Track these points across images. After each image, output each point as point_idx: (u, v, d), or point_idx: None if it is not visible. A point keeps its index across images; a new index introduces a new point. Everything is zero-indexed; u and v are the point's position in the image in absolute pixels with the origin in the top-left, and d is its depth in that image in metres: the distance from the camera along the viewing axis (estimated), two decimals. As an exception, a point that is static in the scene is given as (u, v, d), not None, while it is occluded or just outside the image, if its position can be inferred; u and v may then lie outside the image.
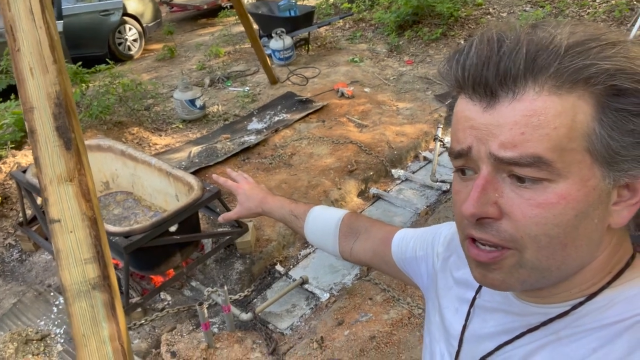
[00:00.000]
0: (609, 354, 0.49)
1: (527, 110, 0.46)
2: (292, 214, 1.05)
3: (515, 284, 0.52)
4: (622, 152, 0.46)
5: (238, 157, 4.38)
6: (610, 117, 0.46)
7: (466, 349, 0.67)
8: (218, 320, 2.94)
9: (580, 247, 0.50)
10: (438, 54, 6.52)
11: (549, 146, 0.45)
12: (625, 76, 0.45)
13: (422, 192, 4.02)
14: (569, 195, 0.46)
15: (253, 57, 6.63)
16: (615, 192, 0.49)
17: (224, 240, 3.28)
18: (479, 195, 0.49)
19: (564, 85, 0.45)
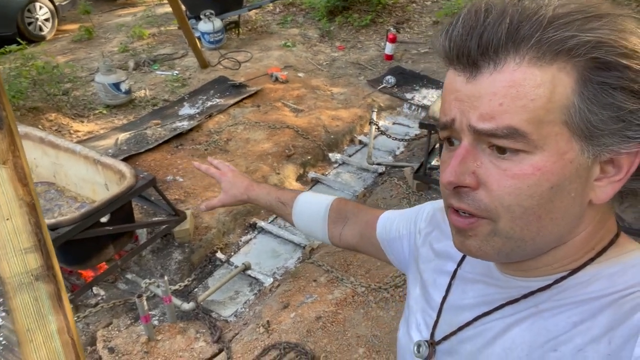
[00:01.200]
0: (590, 329, 0.49)
1: (506, 81, 0.46)
2: (279, 201, 1.04)
3: (491, 252, 0.53)
4: (601, 126, 0.46)
5: (170, 144, 4.20)
6: (591, 91, 0.45)
7: (444, 319, 0.66)
8: (158, 312, 2.83)
9: (556, 220, 0.50)
10: (368, 40, 6.64)
11: (525, 118, 0.46)
12: (608, 49, 0.44)
13: (359, 175, 4.10)
14: (544, 167, 0.47)
15: (181, 40, 6.36)
16: (597, 168, 0.49)
17: (161, 229, 3.14)
18: (458, 164, 0.50)
19: (545, 57, 0.45)
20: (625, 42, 0.44)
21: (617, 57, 0.44)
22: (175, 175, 3.81)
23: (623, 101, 0.45)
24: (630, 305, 0.48)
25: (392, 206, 3.44)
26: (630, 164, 0.48)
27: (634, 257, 0.53)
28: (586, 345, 0.49)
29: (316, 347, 2.41)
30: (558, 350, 0.51)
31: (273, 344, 2.46)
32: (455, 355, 0.63)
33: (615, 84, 0.45)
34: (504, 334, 0.56)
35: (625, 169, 0.49)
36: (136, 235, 3.19)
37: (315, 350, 2.39)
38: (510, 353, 0.55)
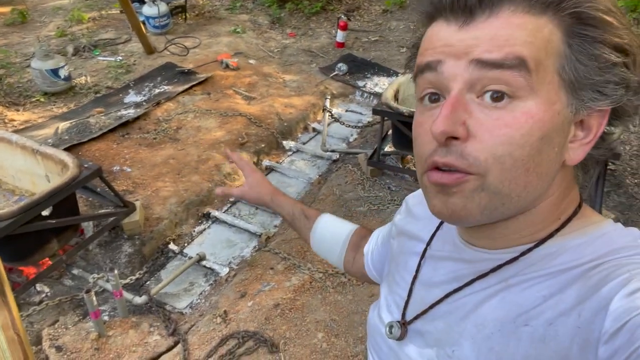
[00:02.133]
0: (559, 303, 0.50)
1: (506, 24, 0.47)
2: (304, 214, 1.02)
3: (476, 210, 0.50)
4: (586, 77, 0.47)
5: (116, 133, 4.02)
6: (577, 42, 0.47)
7: (415, 298, 0.66)
8: (108, 308, 2.71)
9: (541, 174, 0.50)
10: (319, 28, 6.61)
11: (530, 53, 0.46)
12: (590, 5, 0.46)
13: (313, 162, 4.09)
14: (536, 114, 0.47)
15: (123, 24, 6.07)
16: (572, 128, 0.50)
17: (108, 222, 3.01)
18: (450, 113, 0.48)
19: (535, 9, 0.47)
20: (605, 1, 0.47)
21: (599, 13, 0.46)
22: (123, 165, 3.65)
23: (606, 53, 0.47)
24: (597, 278, 0.48)
25: (347, 192, 3.46)
26: (599, 125, 0.50)
27: (598, 228, 0.54)
28: (556, 319, 0.49)
29: (275, 334, 2.40)
30: (529, 325, 0.51)
31: (231, 334, 2.42)
32: (427, 334, 0.62)
33: (599, 37, 0.47)
34: (475, 310, 0.56)
35: (594, 131, 0.50)
36: (82, 229, 3.04)
37: (274, 337, 2.38)
38: (482, 329, 0.55)
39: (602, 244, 0.52)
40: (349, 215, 3.22)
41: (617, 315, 0.44)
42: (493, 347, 0.53)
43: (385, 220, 3.15)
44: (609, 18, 0.47)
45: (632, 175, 3.54)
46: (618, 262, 0.49)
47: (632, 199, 3.33)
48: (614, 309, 0.45)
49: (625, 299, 0.44)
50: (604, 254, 0.51)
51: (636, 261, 0.48)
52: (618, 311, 0.44)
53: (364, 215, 3.21)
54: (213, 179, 3.65)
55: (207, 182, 3.61)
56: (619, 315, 0.44)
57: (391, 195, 3.39)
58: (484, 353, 0.54)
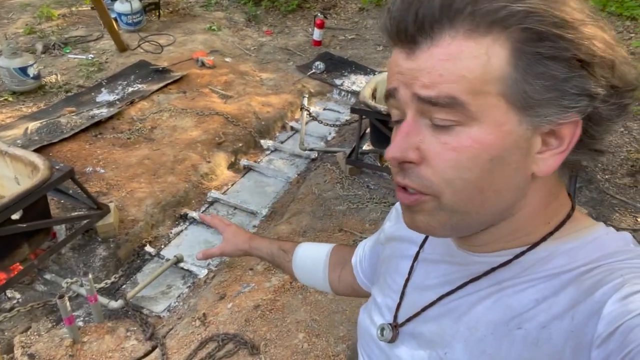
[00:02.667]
0: (553, 306, 0.50)
1: (443, 54, 0.46)
2: (281, 249, 1.04)
3: (438, 226, 0.53)
4: (536, 96, 0.46)
5: (88, 133, 3.91)
6: (525, 61, 0.45)
7: (407, 301, 0.66)
8: (83, 313, 2.64)
9: (498, 192, 0.50)
10: (296, 25, 6.58)
11: (463, 88, 0.46)
12: (538, 18, 0.44)
13: (292, 161, 4.07)
14: (482, 139, 0.47)
15: (95, 21, 5.92)
16: (538, 140, 0.49)
17: (81, 225, 2.92)
18: (402, 139, 0.50)
19: (479, 29, 0.45)
20: (557, 12, 0.44)
21: (548, 27, 0.44)
22: (96, 166, 3.56)
23: (556, 70, 0.45)
24: (591, 282, 0.48)
25: (326, 191, 3.46)
26: (572, 135, 0.48)
27: (590, 232, 0.54)
28: (550, 322, 0.49)
29: (255, 336, 2.38)
30: (522, 328, 0.51)
31: (210, 337, 2.39)
32: (419, 337, 0.62)
33: (547, 53, 0.45)
34: (468, 312, 0.56)
35: (567, 140, 0.49)
36: (54, 232, 2.95)
37: (255, 339, 2.36)
38: (475, 332, 0.55)
39: (595, 248, 0.52)
40: (329, 214, 3.22)
41: (610, 319, 0.44)
42: (486, 350, 0.53)
43: (365, 218, 3.16)
44: (560, 31, 0.44)
45: (603, 171, 3.64)
46: (611, 266, 0.49)
47: (603, 194, 3.42)
48: (607, 313, 0.45)
49: (618, 303, 0.45)
50: (597, 258, 0.51)
51: (629, 266, 0.48)
52: (611, 315, 0.44)
53: (343, 214, 3.21)
54: (190, 180, 3.59)
55: (184, 183, 3.55)
56: (612, 319, 0.44)
57: (370, 194, 3.40)
58: (476, 355, 0.54)
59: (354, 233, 3.01)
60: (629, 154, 3.80)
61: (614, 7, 6.00)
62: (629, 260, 0.49)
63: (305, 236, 3.03)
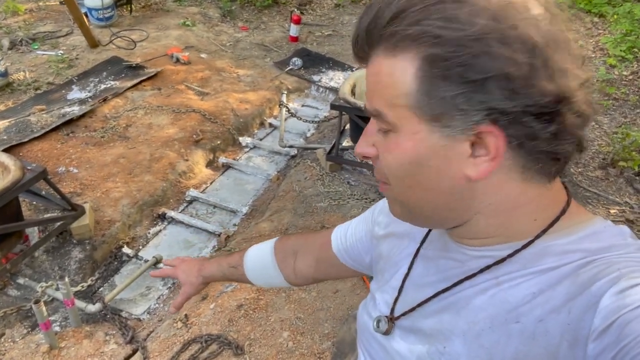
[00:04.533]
0: (550, 300, 0.50)
1: (372, 72, 0.53)
2: (230, 266, 1.02)
3: (400, 214, 0.61)
4: (438, 109, 0.48)
5: (60, 132, 3.79)
6: (421, 79, 0.48)
7: (405, 296, 0.67)
8: (59, 317, 2.56)
9: (430, 191, 0.54)
10: (272, 21, 6.52)
11: (383, 103, 0.52)
12: (430, 40, 0.46)
13: (271, 158, 4.03)
14: (400, 145, 0.53)
15: (64, 17, 5.74)
16: (465, 146, 0.50)
17: (55, 227, 2.83)
18: (363, 138, 0.59)
19: (392, 49, 0.50)
20: (446, 32, 0.46)
21: (437, 49, 0.46)
22: (69, 166, 3.45)
23: (444, 88, 0.47)
24: (587, 276, 0.49)
25: (307, 188, 3.44)
26: (496, 144, 0.49)
27: (587, 226, 0.54)
28: (546, 316, 0.50)
29: (239, 336, 2.35)
30: (520, 322, 0.52)
31: (193, 338, 2.35)
32: (418, 332, 0.62)
33: (437, 73, 0.47)
34: (466, 306, 0.57)
35: (492, 149, 0.49)
36: (26, 235, 2.85)
37: (239, 339, 2.33)
38: (473, 326, 0.55)
39: (592, 242, 0.52)
40: (310, 211, 3.20)
41: (607, 313, 0.45)
42: (484, 344, 0.54)
43: (346, 214, 3.16)
44: (449, 52, 0.46)
45: (576, 165, 3.73)
46: (608, 260, 0.49)
47: (577, 187, 3.51)
48: (604, 307, 0.45)
49: (614, 296, 0.45)
50: (594, 251, 0.51)
51: (625, 259, 0.49)
52: (607, 309, 0.45)
53: (324, 211, 3.20)
54: (167, 178, 3.52)
55: (161, 182, 3.48)
56: (608, 313, 0.45)
57: (351, 190, 3.40)
58: (474, 349, 0.55)
59: (336, 230, 3.00)
60: (600, 147, 3.91)
61: (583, 4, 6.15)
62: (626, 254, 0.50)
63: (287, 234, 3.00)
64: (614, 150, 3.70)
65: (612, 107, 4.42)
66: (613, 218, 3.16)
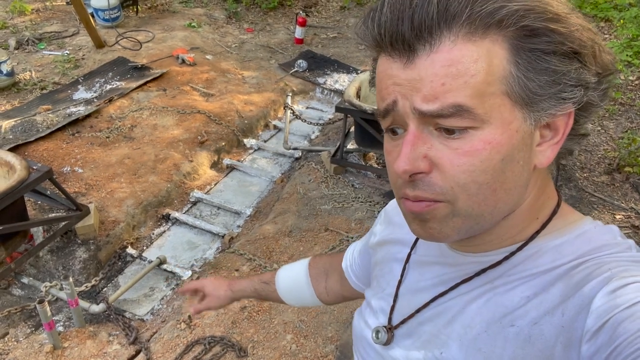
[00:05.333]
0: (544, 303, 0.50)
1: (445, 60, 0.46)
2: (262, 282, 1.03)
3: (451, 232, 0.52)
4: (539, 91, 0.47)
5: (65, 131, 3.81)
6: (525, 58, 0.46)
7: (401, 303, 0.66)
8: (63, 317, 2.57)
9: (509, 190, 0.50)
10: (277, 23, 6.53)
11: (468, 94, 0.46)
12: (535, 15, 0.45)
13: (275, 160, 4.03)
14: (493, 140, 0.47)
15: (70, 17, 5.77)
16: (537, 133, 0.50)
17: (60, 227, 2.84)
18: (410, 151, 0.49)
19: (477, 31, 0.45)
20: (550, 7, 0.45)
21: (544, 22, 0.45)
22: (74, 166, 3.46)
23: (556, 64, 0.46)
24: (579, 276, 0.49)
25: (311, 190, 3.44)
26: (565, 125, 0.50)
27: (578, 227, 0.54)
28: (541, 318, 0.50)
29: (243, 338, 2.35)
30: (515, 325, 0.51)
31: (197, 340, 2.35)
32: (415, 338, 0.62)
33: (546, 49, 0.46)
34: (462, 311, 0.57)
35: (561, 131, 0.50)
36: (31, 235, 2.86)
37: (242, 341, 2.33)
38: (469, 331, 0.55)
39: (583, 243, 0.52)
40: (314, 213, 3.20)
41: (599, 314, 0.45)
42: (480, 348, 0.54)
43: (350, 217, 3.15)
44: (555, 26, 0.45)
45: (581, 170, 3.72)
46: (599, 260, 0.50)
47: (582, 192, 3.49)
48: (596, 307, 0.45)
49: (606, 297, 0.45)
50: (585, 252, 0.51)
51: (616, 259, 0.49)
52: (600, 309, 0.45)
53: (328, 214, 3.20)
54: (172, 179, 3.52)
55: (166, 182, 3.48)
56: (600, 313, 0.45)
57: (355, 193, 3.40)
58: (471, 354, 0.54)
59: (340, 232, 3.00)
60: (605, 153, 3.89)
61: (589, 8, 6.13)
62: (616, 253, 0.50)
63: (291, 236, 3.00)
64: (619, 155, 3.69)
65: (618, 112, 4.40)
66: (619, 224, 3.14)
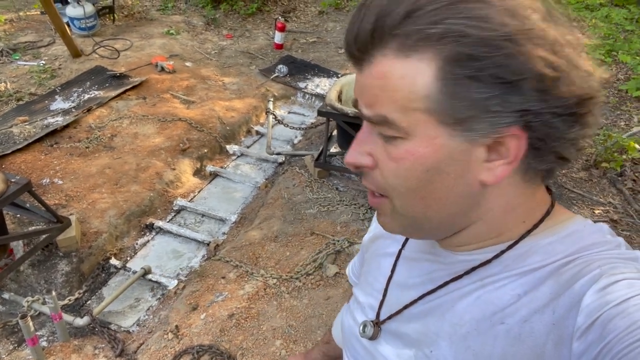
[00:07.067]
0: (534, 300, 0.50)
1: (377, 73, 0.48)
2: (325, 343, 1.03)
3: (397, 228, 0.57)
4: (465, 113, 0.46)
5: (43, 143, 3.74)
6: (446, 80, 0.45)
7: (390, 298, 0.66)
8: (46, 332, 2.51)
9: (440, 199, 0.51)
10: (256, 29, 6.53)
11: (392, 107, 0.48)
12: (457, 39, 0.44)
13: (259, 165, 4.02)
14: (416, 152, 0.49)
15: (45, 26, 5.68)
16: (481, 150, 0.49)
17: (40, 240, 2.78)
18: (356, 146, 0.53)
19: (405, 49, 0.46)
20: (476, 31, 0.43)
21: (466, 48, 0.44)
22: (53, 178, 3.40)
23: (475, 90, 0.45)
24: (570, 274, 0.49)
25: (296, 195, 3.44)
26: (517, 148, 0.48)
27: (568, 225, 0.54)
28: (531, 316, 0.50)
29: (231, 346, 2.33)
30: (505, 323, 0.52)
31: (185, 349, 2.32)
32: (404, 336, 0.62)
33: (466, 74, 0.45)
34: (452, 309, 0.57)
35: (513, 152, 0.48)
36: (11, 249, 2.79)
37: (231, 349, 2.31)
38: (459, 329, 0.55)
39: (573, 241, 0.53)
40: (299, 218, 3.20)
41: (589, 311, 0.45)
42: (470, 346, 0.54)
43: (336, 221, 3.16)
44: (480, 52, 0.43)
45: (560, 166, 3.80)
46: (589, 258, 0.50)
47: (562, 188, 3.57)
48: (586, 305, 0.46)
49: (596, 294, 0.46)
50: (575, 250, 0.52)
51: (606, 257, 0.50)
52: (590, 307, 0.45)
53: (314, 218, 3.20)
54: (154, 188, 3.49)
55: (148, 192, 3.44)
56: (591, 310, 0.45)
57: (340, 196, 3.41)
58: (461, 352, 0.54)
59: (326, 236, 3.00)
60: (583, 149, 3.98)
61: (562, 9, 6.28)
62: (606, 251, 0.51)
63: (277, 241, 3.00)
64: (596, 151, 3.78)
65: (593, 110, 4.51)
66: (598, 218, 3.21)
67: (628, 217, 3.23)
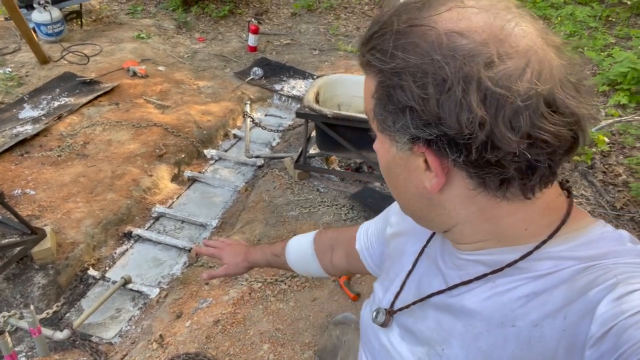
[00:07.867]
0: (545, 305, 0.50)
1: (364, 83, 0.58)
2: (274, 254, 1.10)
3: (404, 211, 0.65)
4: (392, 127, 0.52)
5: (13, 152, 3.62)
6: (375, 99, 0.54)
7: (407, 292, 0.68)
8: (24, 348, 2.43)
9: (402, 195, 0.60)
10: (229, 32, 6.47)
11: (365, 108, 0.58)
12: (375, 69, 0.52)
13: (238, 169, 3.99)
14: (378, 149, 0.59)
15: (10, 33, 5.50)
16: (419, 160, 0.52)
17: (15, 252, 2.69)
18: None
19: (364, 67, 0.55)
20: (379, 63, 0.51)
21: (379, 76, 0.52)
22: (25, 188, 3.29)
23: (384, 112, 0.53)
24: (584, 281, 0.49)
25: (277, 197, 3.42)
26: (437, 164, 0.51)
27: (584, 233, 0.54)
28: (542, 320, 0.50)
29: (218, 353, 2.30)
30: (515, 326, 0.52)
31: (170, 358, 2.28)
32: (418, 332, 0.63)
33: (382, 97, 0.52)
34: (463, 309, 0.58)
35: (433, 167, 0.52)
36: (-18, 263, 2.69)
37: (218, 356, 2.28)
38: (470, 329, 0.56)
39: (589, 249, 0.52)
40: (281, 220, 3.18)
41: (604, 320, 0.45)
42: (481, 347, 0.54)
43: (318, 222, 3.16)
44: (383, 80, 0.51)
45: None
46: (606, 266, 0.49)
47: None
48: (601, 314, 0.45)
49: (612, 303, 0.45)
50: (591, 257, 0.51)
51: (623, 265, 0.49)
52: (604, 316, 0.45)
53: (296, 219, 3.19)
54: (131, 195, 3.41)
55: (125, 199, 3.37)
56: (605, 319, 0.45)
57: (321, 197, 3.41)
58: (472, 352, 0.55)
59: (309, 237, 3.00)
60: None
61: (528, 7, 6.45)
62: (623, 260, 0.50)
63: (259, 244, 2.97)
64: (567, 145, 3.89)
65: (562, 105, 4.64)
66: (571, 210, 3.31)
67: (600, 208, 3.34)
